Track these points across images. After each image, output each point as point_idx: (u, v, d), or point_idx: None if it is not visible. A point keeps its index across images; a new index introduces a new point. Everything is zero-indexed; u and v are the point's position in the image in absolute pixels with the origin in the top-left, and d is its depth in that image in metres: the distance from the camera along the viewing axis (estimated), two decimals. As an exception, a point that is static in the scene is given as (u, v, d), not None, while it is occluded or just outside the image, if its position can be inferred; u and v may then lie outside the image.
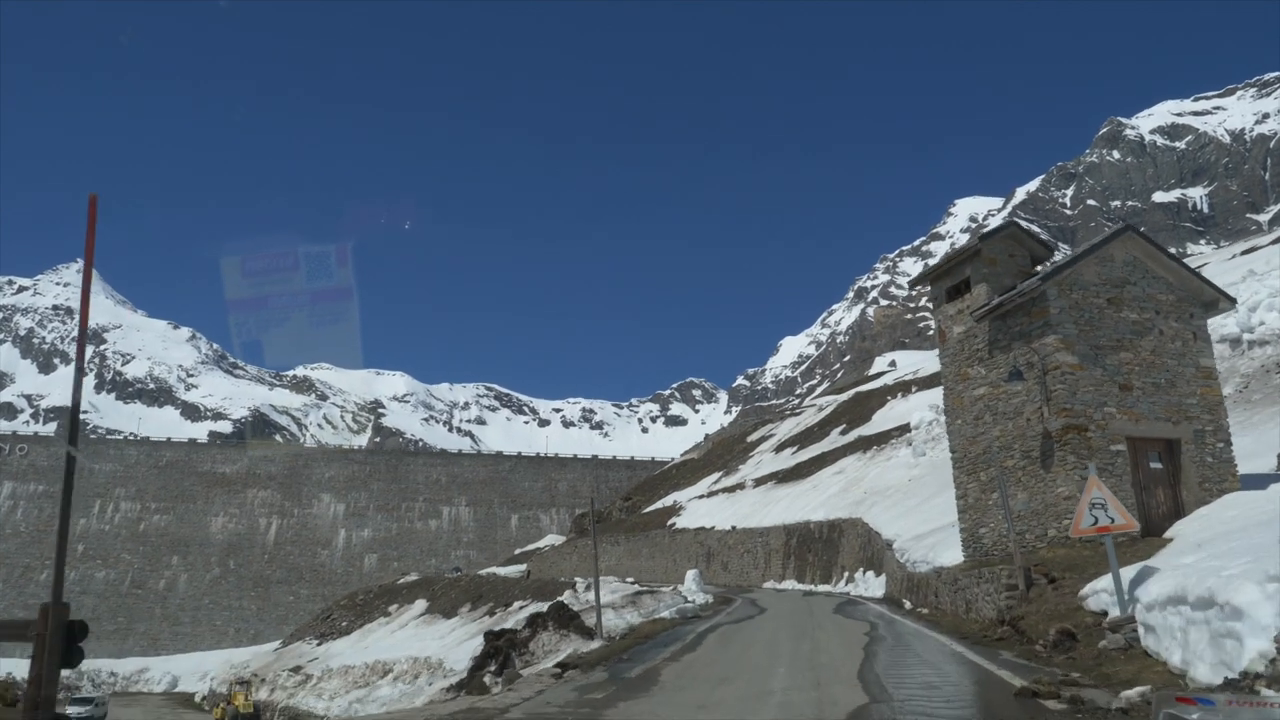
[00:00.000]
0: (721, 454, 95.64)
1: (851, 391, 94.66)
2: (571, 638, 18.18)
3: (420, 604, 74.20)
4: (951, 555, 25.32)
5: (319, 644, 76.24)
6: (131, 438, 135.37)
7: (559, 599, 20.90)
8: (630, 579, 60.23)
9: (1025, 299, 20.71)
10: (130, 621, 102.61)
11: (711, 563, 59.94)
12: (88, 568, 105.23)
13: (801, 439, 78.99)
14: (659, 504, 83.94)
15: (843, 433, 71.67)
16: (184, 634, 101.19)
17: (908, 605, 28.10)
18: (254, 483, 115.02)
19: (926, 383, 75.30)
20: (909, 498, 42.18)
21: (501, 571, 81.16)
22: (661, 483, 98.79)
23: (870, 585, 37.76)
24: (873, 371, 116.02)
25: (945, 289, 23.87)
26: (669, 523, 70.51)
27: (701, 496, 75.56)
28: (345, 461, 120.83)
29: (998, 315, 21.66)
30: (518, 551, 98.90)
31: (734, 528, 58.36)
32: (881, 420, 68.17)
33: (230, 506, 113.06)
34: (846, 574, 42.67)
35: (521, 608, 49.22)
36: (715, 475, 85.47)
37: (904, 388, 77.45)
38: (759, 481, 68.17)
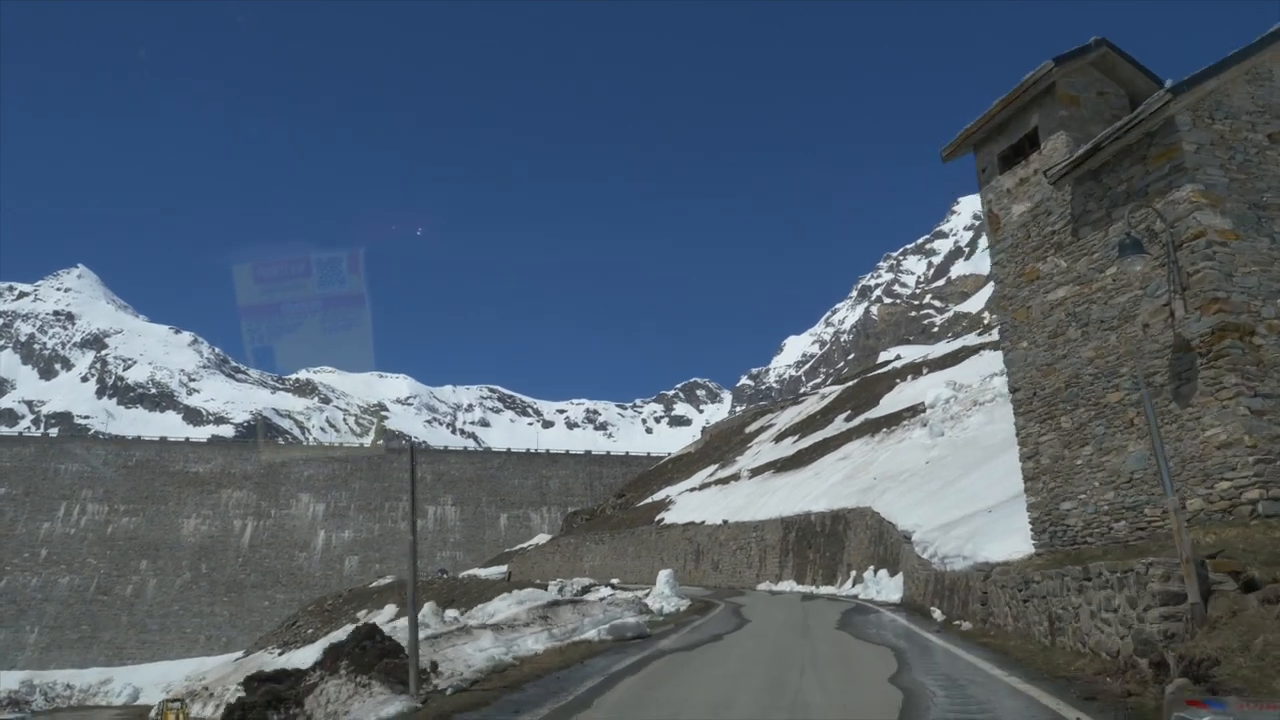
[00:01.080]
0: (719, 446, 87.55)
1: (857, 379, 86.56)
2: (373, 691, 10.33)
3: (390, 609, 66.71)
4: (1006, 546, 17.39)
5: (280, 654, 68.52)
6: (102, 436, 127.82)
7: (369, 623, 13.27)
8: (615, 580, 52.86)
9: (1138, 134, 12.69)
10: (94, 630, 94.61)
11: (701, 561, 51.98)
12: (51, 573, 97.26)
13: (803, 427, 70.85)
14: (651, 499, 75.95)
15: (848, 419, 63.54)
16: (151, 642, 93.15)
17: (938, 615, 20.15)
18: (228, 482, 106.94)
19: (938, 364, 67.20)
20: (928, 481, 34.20)
21: (483, 573, 73.80)
22: (656, 478, 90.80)
23: (884, 587, 29.95)
24: (879, 361, 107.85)
25: (997, 154, 15.88)
26: (657, 518, 62.49)
27: (693, 489, 67.51)
28: (325, 459, 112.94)
29: (1089, 172, 13.66)
30: (506, 551, 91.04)
31: (725, 522, 50.36)
32: (890, 404, 60.03)
33: (203, 508, 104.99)
34: (854, 573, 34.82)
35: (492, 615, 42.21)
36: (711, 468, 77.43)
37: (914, 369, 69.28)
38: (755, 472, 60.12)
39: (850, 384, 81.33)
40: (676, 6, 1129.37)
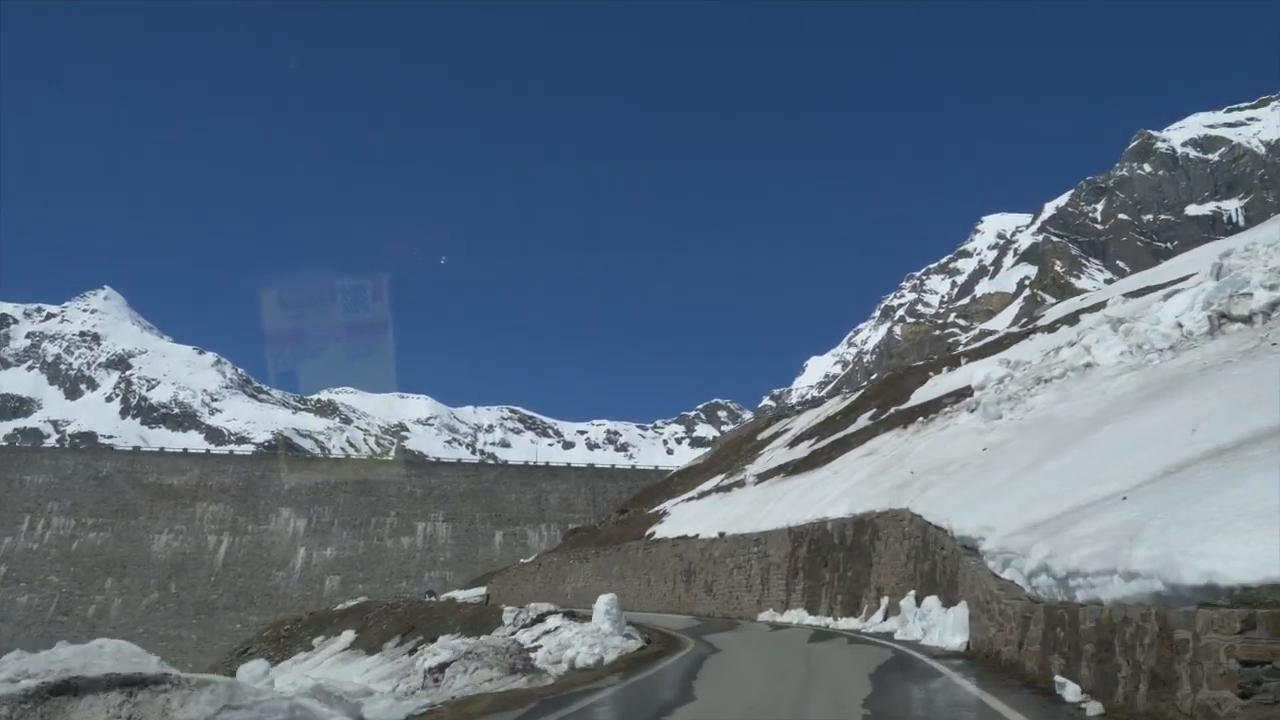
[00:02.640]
0: (727, 455, 76.43)
1: (884, 378, 75.19)
2: None
3: (348, 635, 56.14)
4: (1267, 541, 6.29)
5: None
6: (71, 447, 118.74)
7: None
8: (598, 604, 41.81)
9: None
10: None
11: (692, 583, 40.87)
12: (8, 592, 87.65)
13: (821, 429, 59.58)
14: (649, 514, 64.95)
15: (873, 417, 52.29)
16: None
17: (1076, 696, 8.87)
18: (204, 495, 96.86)
19: (978, 354, 55.83)
20: (990, 471, 22.76)
21: (461, 595, 63.83)
22: (660, 491, 79.83)
23: (935, 623, 18.69)
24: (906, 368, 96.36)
25: None
26: (647, 532, 51.51)
27: (690, 499, 56.47)
28: (309, 471, 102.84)
29: None
30: (488, 572, 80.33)
31: (722, 535, 39.24)
32: (924, 397, 48.72)
33: (176, 522, 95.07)
34: (885, 600, 23.66)
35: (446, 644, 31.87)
36: (718, 478, 66.28)
37: (950, 361, 57.90)
38: (762, 477, 49.02)
39: (875, 381, 70.02)
40: (695, 22, 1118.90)
